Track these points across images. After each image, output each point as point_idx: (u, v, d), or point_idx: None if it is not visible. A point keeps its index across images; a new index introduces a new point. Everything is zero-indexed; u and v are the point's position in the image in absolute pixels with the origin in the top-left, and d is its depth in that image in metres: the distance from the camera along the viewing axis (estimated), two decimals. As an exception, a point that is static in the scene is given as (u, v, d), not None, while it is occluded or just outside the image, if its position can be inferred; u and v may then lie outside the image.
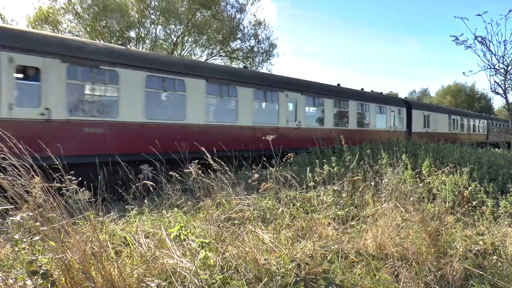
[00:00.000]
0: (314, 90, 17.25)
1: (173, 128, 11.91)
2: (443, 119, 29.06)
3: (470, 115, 36.02)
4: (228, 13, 29.49)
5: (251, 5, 30.07)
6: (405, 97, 26.44)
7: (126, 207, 5.80)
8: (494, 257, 4.76)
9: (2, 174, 3.64)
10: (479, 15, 11.49)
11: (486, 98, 72.01)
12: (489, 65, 12.31)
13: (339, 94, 18.66)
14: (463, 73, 15.30)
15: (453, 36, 11.99)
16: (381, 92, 23.04)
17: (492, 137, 37.20)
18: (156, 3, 26.62)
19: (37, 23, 24.04)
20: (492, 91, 12.94)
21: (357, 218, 5.66)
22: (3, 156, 3.73)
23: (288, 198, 5.82)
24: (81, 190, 4.41)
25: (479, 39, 12.01)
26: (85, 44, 11.01)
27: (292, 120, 15.83)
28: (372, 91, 23.15)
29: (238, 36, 30.37)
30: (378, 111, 21.40)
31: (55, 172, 4.18)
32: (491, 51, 12.19)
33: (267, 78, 15.94)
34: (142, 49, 26.58)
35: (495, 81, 12.75)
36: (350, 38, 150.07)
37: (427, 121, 26.40)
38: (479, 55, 12.39)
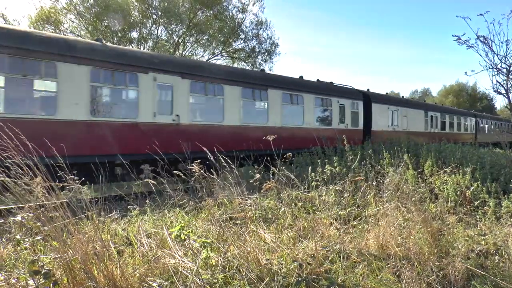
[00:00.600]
0: (206, 74, 12.81)
1: None
2: (417, 115, 24.89)
3: (454, 112, 31.83)
4: (230, 13, 29.50)
5: (253, 5, 30.07)
6: (367, 89, 21.76)
7: (128, 206, 5.81)
8: (497, 257, 4.75)
9: (5, 173, 3.65)
10: (481, 14, 11.42)
11: (488, 98, 71.91)
12: (491, 65, 12.27)
13: (252, 80, 14.37)
14: (465, 72, 15.21)
15: (455, 36, 11.93)
16: (331, 82, 19.38)
17: (481, 137, 34.00)
18: (157, 3, 26.64)
19: (38, 23, 24.08)
20: (494, 91, 12.87)
21: (359, 218, 5.65)
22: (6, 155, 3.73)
23: (290, 198, 5.82)
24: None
25: (481, 38, 11.95)
26: None
27: (166, 113, 11.54)
28: (318, 80, 19.05)
29: (240, 37, 30.38)
30: (319, 104, 16.98)
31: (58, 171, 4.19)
32: (493, 51, 12.12)
33: (118, 54, 11.00)
34: (144, 49, 26.63)
35: (497, 81, 12.69)
36: (350, 38, 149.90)
37: (395, 118, 22.47)
38: (481, 55, 12.32)
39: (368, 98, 20.33)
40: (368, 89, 21.69)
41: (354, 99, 19.25)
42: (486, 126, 37.60)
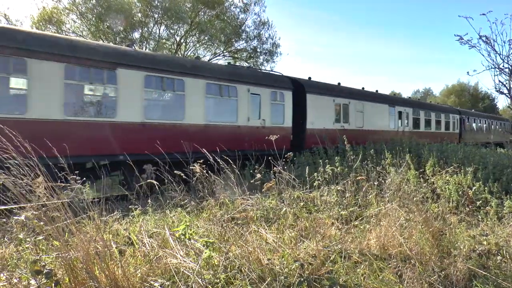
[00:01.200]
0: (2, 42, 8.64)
1: None
2: (378, 111, 20.10)
3: (431, 108, 26.83)
4: (232, 13, 29.51)
5: (255, 5, 30.06)
6: (309, 78, 17.41)
7: (129, 206, 5.82)
8: (498, 257, 4.75)
9: (6, 173, 3.66)
10: (483, 14, 11.41)
11: (490, 98, 71.71)
12: (493, 64, 12.25)
13: (86, 55, 9.85)
14: (467, 72, 15.22)
15: (457, 36, 11.91)
16: (249, 66, 15.36)
17: (468, 137, 29.87)
18: (158, 3, 26.66)
19: (41, 24, 24.12)
20: (497, 91, 12.87)
21: (360, 218, 5.65)
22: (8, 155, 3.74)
23: (292, 198, 5.82)
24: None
25: (484, 38, 11.94)
26: None
27: None
28: (229, 63, 15.14)
29: (242, 37, 30.39)
30: (215, 93, 12.74)
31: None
32: (495, 51, 12.12)
33: None
34: (146, 49, 26.66)
35: (499, 81, 12.68)
36: (350, 38, 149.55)
37: (344, 113, 17.80)
38: (483, 55, 12.31)
39: (301, 88, 15.96)
40: (309, 77, 17.65)
41: (277, 88, 14.90)
42: (474, 124, 33.49)
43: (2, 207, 4.19)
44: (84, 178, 5.01)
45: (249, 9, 29.80)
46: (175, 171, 5.91)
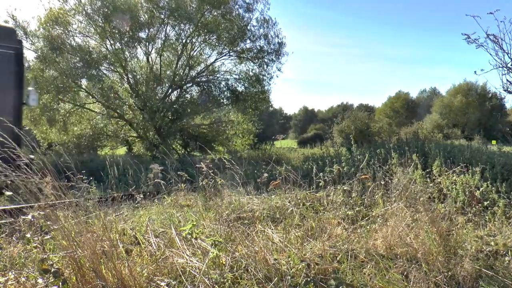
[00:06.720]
0: None
1: None
2: None
3: None
4: (237, 12, 29.45)
5: (257, 2, 29.90)
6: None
7: (136, 206, 5.84)
8: (507, 258, 4.71)
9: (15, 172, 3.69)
10: (491, 13, 11.32)
11: (497, 97, 70.97)
12: (501, 63, 12.14)
13: None
14: (475, 72, 15.06)
15: (465, 35, 11.82)
16: None
17: None
18: (165, 3, 26.67)
19: (47, 24, 24.23)
20: (504, 90, 12.77)
21: (367, 218, 5.63)
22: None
23: (298, 197, 5.82)
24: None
25: (491, 37, 11.83)
26: None
27: None
28: None
29: (247, 35, 30.30)
30: None
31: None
32: (503, 50, 12.02)
33: None
34: (152, 49, 26.74)
35: (507, 80, 12.58)
36: (359, 37, 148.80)
37: None
38: (491, 54, 12.20)
39: None
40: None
41: None
42: None
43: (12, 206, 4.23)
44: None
45: (252, 8, 29.72)
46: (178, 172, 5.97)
